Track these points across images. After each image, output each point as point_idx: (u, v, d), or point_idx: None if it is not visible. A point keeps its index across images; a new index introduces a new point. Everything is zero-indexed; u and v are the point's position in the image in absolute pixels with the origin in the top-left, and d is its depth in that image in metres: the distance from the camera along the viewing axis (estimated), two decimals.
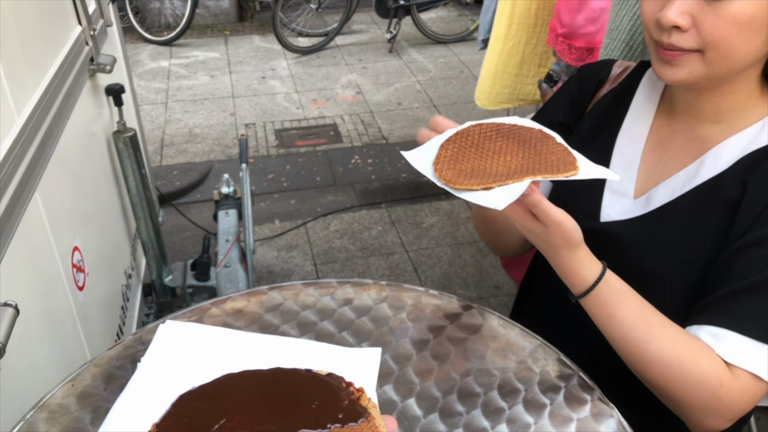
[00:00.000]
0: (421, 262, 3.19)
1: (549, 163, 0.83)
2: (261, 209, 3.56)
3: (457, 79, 5.15)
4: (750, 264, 0.86)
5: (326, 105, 4.73)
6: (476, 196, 0.79)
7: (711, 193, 0.93)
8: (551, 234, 0.83)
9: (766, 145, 0.91)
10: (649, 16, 0.89)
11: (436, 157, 0.86)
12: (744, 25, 0.82)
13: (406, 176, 3.88)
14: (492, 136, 0.89)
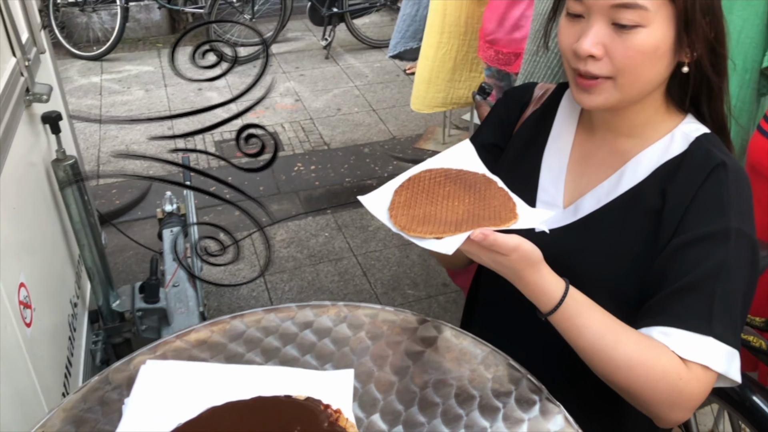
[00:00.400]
0: (370, 265, 3.22)
1: (492, 209, 0.91)
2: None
3: (394, 83, 5.21)
4: (681, 266, 0.93)
5: (265, 114, 4.71)
6: (428, 243, 0.87)
7: (633, 201, 1.02)
8: (513, 260, 0.88)
9: (676, 155, 1.01)
10: (566, 47, 0.98)
11: (391, 203, 0.94)
12: (649, 53, 0.92)
13: (350, 181, 3.91)
14: (441, 182, 0.97)
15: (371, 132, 4.48)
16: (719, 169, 0.96)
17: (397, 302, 2.99)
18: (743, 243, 0.93)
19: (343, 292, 3.05)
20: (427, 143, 4.29)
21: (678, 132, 1.02)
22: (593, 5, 0.92)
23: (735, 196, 0.95)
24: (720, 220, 0.93)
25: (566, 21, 0.98)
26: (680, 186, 0.97)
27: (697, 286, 0.91)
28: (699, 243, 0.93)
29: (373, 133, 4.46)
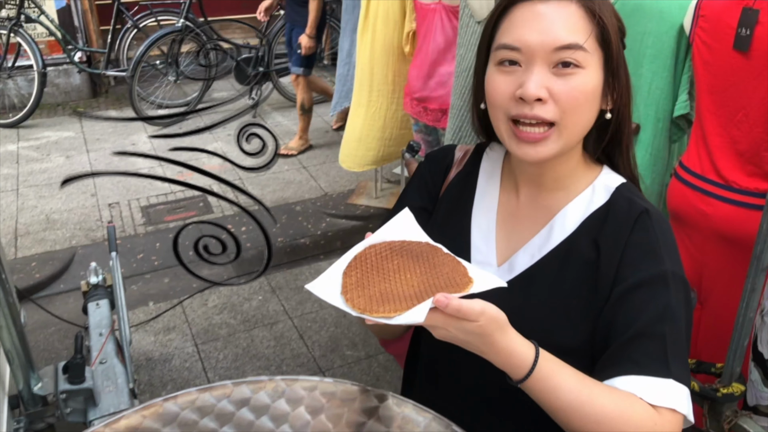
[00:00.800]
0: (307, 327, 3.16)
1: (445, 276, 0.89)
2: (133, 292, 3.40)
3: (324, 139, 5.23)
4: (628, 313, 0.95)
5: (193, 176, 4.60)
6: (395, 319, 0.84)
7: (567, 253, 1.03)
8: (481, 325, 0.84)
9: (600, 206, 1.04)
10: (505, 96, 0.97)
11: (343, 286, 0.90)
12: (589, 94, 0.96)
13: (282, 240, 3.86)
14: (387, 256, 0.94)
15: (302, 189, 4.46)
16: (644, 217, 1.00)
17: (336, 364, 2.93)
18: (679, 284, 0.96)
19: (279, 357, 2.97)
20: (360, 198, 4.30)
21: (598, 183, 1.06)
22: (535, 50, 0.94)
23: (663, 241, 0.99)
24: (655, 265, 0.96)
25: (499, 71, 0.99)
26: (610, 236, 1.00)
27: (649, 332, 0.92)
28: (640, 289, 0.95)
29: (304, 191, 4.44)
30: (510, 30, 0.97)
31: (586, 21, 0.95)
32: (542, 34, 0.93)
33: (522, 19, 0.96)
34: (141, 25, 5.58)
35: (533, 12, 0.95)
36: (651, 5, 1.92)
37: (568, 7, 0.94)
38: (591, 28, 0.95)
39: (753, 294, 1.57)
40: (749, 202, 1.76)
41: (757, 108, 1.71)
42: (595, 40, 0.95)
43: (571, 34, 0.93)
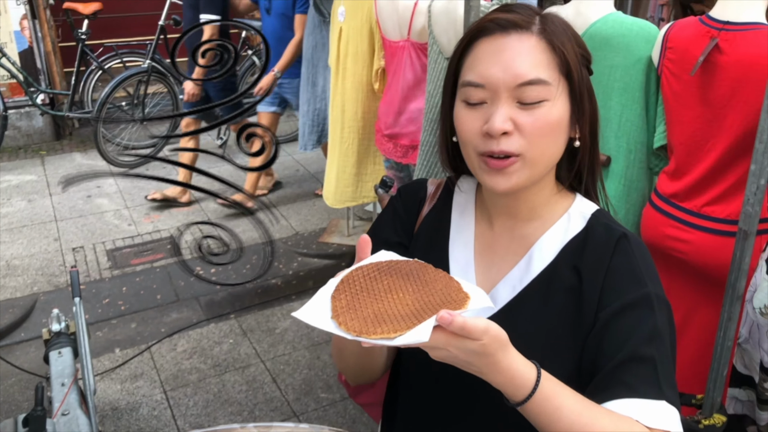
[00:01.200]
0: (280, 370, 3.08)
1: (440, 293, 0.85)
2: (98, 339, 3.29)
3: (294, 178, 5.20)
4: (615, 337, 0.93)
5: (160, 218, 4.55)
6: (397, 340, 0.78)
7: (548, 282, 1.02)
8: (485, 344, 0.80)
9: (577, 233, 1.03)
10: (474, 132, 0.97)
11: (333, 310, 0.85)
12: (554, 125, 0.96)
13: (253, 281, 3.79)
14: (376, 277, 0.90)
15: (273, 229, 4.40)
16: (623, 241, 1.00)
17: (310, 408, 2.85)
18: (662, 306, 0.96)
19: (252, 402, 2.88)
20: (332, 237, 4.25)
21: (573, 211, 1.06)
22: (498, 88, 0.94)
23: (643, 264, 0.98)
24: (638, 288, 0.96)
25: (466, 110, 0.99)
26: (591, 262, 0.99)
27: (639, 355, 0.91)
28: (625, 313, 0.94)
29: (274, 230, 4.38)
30: (474, 66, 0.97)
31: (548, 53, 0.95)
32: (505, 71, 0.94)
33: (484, 54, 0.96)
34: (106, 66, 5.53)
35: (495, 47, 0.96)
36: (618, 39, 1.94)
37: (529, 40, 0.95)
38: (553, 60, 0.95)
39: (730, 323, 1.56)
40: (721, 229, 1.76)
41: (725, 137, 1.73)
42: (557, 71, 0.96)
43: (533, 68, 0.93)
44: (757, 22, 1.67)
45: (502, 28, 0.96)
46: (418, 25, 2.75)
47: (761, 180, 1.41)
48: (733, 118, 1.70)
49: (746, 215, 1.45)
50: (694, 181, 1.80)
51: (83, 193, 4.88)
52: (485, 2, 2.35)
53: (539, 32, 0.96)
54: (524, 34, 0.95)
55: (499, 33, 0.96)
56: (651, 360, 0.91)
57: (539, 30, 0.96)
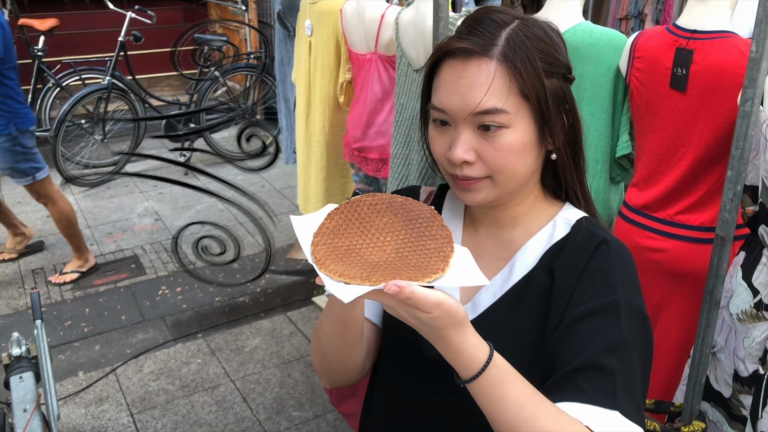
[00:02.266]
0: (250, 390, 3.01)
1: (423, 253, 0.84)
2: (61, 362, 3.19)
3: (260, 194, 5.14)
4: (575, 341, 0.91)
5: (123, 237, 4.45)
6: (331, 284, 0.79)
7: (526, 288, 1.01)
8: (435, 317, 0.81)
9: (559, 239, 1.02)
10: (440, 155, 1.00)
11: (319, 227, 0.87)
12: (518, 151, 0.95)
13: (220, 299, 3.72)
14: (381, 210, 0.90)
15: (240, 246, 4.34)
16: (602, 246, 0.98)
17: (282, 427, 2.79)
18: (633, 315, 0.93)
19: (222, 423, 2.81)
20: (300, 253, 4.20)
21: (559, 218, 1.05)
22: (457, 115, 0.95)
23: (620, 270, 0.97)
24: (608, 294, 0.94)
25: (435, 129, 1.00)
26: (566, 264, 0.98)
27: (598, 364, 0.89)
28: (590, 317, 0.93)
29: (242, 247, 4.31)
30: (438, 90, 0.98)
31: (506, 79, 0.93)
32: (462, 99, 0.94)
33: (446, 79, 0.96)
34: (64, 83, 5.40)
35: (455, 73, 0.95)
36: (587, 48, 1.96)
37: (488, 66, 0.93)
38: (514, 85, 0.93)
39: (708, 330, 1.57)
40: (696, 237, 1.77)
41: (696, 145, 1.75)
42: (518, 95, 0.94)
43: (490, 97, 0.92)
44: (725, 30, 1.69)
45: (464, 53, 0.94)
46: (386, 38, 2.74)
47: (738, 186, 1.42)
48: (704, 126, 1.72)
49: (723, 221, 1.46)
50: (666, 191, 1.81)
51: (42, 213, 4.74)
52: (454, 13, 2.35)
53: (500, 56, 0.93)
54: (483, 61, 0.93)
55: (461, 58, 0.95)
56: (610, 370, 0.88)
57: (500, 54, 0.93)
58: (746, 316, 1.54)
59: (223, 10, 7.01)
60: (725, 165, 1.72)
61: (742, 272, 1.54)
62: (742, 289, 1.53)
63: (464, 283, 0.83)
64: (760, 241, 1.53)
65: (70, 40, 6.91)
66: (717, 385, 1.68)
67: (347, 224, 0.87)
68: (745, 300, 1.53)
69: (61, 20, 5.73)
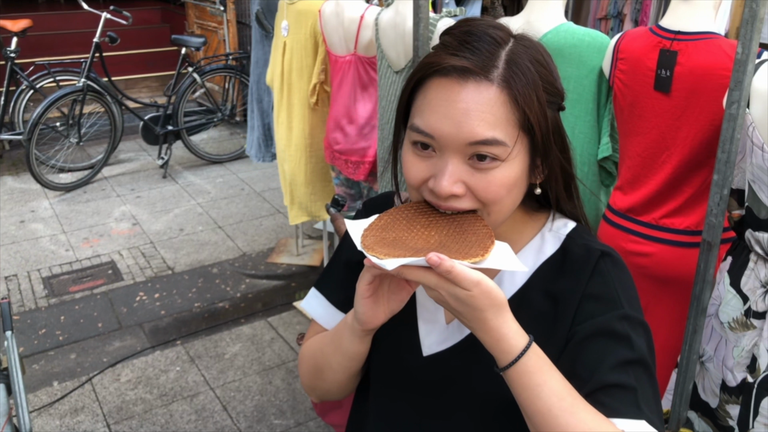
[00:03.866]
0: (230, 398, 2.96)
1: (465, 242, 0.85)
2: (34, 372, 3.11)
3: (239, 197, 5.07)
4: (587, 363, 0.88)
5: (100, 242, 4.36)
6: (376, 260, 0.81)
7: (517, 308, 0.94)
8: (474, 296, 0.79)
9: (552, 254, 0.98)
10: (418, 182, 0.90)
11: (370, 225, 0.90)
12: (510, 185, 0.88)
13: (199, 306, 3.66)
14: (426, 212, 0.91)
15: (219, 250, 4.27)
16: (601, 263, 0.94)
17: None
18: (639, 330, 0.91)
19: None
20: (280, 256, 4.15)
21: (546, 231, 1.00)
22: (447, 143, 0.85)
23: (620, 285, 0.94)
24: (614, 311, 0.91)
25: (413, 152, 0.90)
26: (567, 285, 0.94)
27: (616, 381, 0.86)
28: (599, 336, 0.90)
29: (221, 252, 4.25)
30: (424, 111, 0.88)
31: (507, 108, 0.84)
32: (457, 126, 0.84)
33: (437, 101, 0.86)
34: (38, 85, 5.29)
35: (448, 95, 0.85)
36: (570, 50, 1.93)
37: (488, 91, 0.84)
38: (513, 115, 0.85)
39: (695, 336, 1.54)
40: (681, 241, 1.75)
41: (680, 148, 1.73)
42: (516, 127, 0.85)
43: (488, 127, 0.83)
44: (709, 31, 1.67)
45: (460, 72, 0.84)
46: (365, 39, 2.70)
47: (724, 190, 1.40)
48: (688, 128, 1.69)
49: (709, 226, 1.43)
50: (651, 194, 1.78)
51: (15, 219, 4.65)
52: (434, 14, 2.31)
53: (501, 81, 0.84)
54: (483, 84, 0.84)
55: (456, 78, 0.84)
56: (630, 386, 0.86)
57: (501, 78, 0.84)
58: (737, 324, 1.51)
59: (201, 11, 6.92)
60: (710, 168, 1.70)
61: (730, 278, 1.52)
62: (731, 296, 1.51)
63: (503, 266, 0.83)
64: (746, 246, 1.51)
65: (43, 42, 6.79)
66: (704, 395, 1.65)
67: (395, 222, 0.90)
68: (735, 307, 1.50)
69: (35, 21, 5.62)
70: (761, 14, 1.31)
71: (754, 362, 1.48)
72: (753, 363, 1.48)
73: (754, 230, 1.46)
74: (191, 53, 6.02)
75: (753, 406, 1.46)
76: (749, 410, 1.46)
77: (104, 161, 5.37)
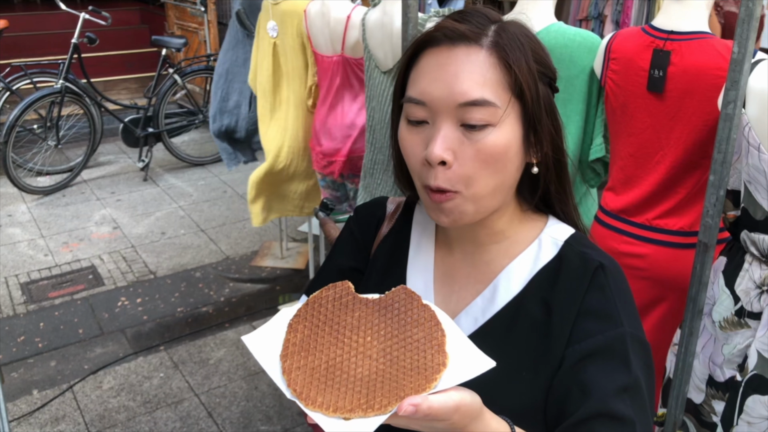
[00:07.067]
0: (216, 404, 2.91)
1: (415, 348, 0.73)
2: (13, 381, 3.04)
3: (222, 200, 5.01)
4: (586, 384, 0.85)
5: (80, 246, 4.28)
6: (328, 424, 0.67)
7: (513, 316, 0.93)
8: (455, 421, 0.73)
9: (549, 261, 0.94)
10: (417, 160, 0.89)
11: (284, 345, 0.72)
12: (499, 153, 0.86)
13: (182, 310, 3.60)
14: (348, 304, 0.78)
15: (202, 254, 4.21)
16: (599, 274, 0.91)
17: None
18: (637, 347, 0.88)
19: None
20: (264, 260, 4.10)
21: (544, 237, 0.97)
22: (439, 107, 0.85)
23: (619, 299, 0.90)
24: (612, 328, 0.88)
25: (408, 130, 0.89)
26: (563, 295, 0.91)
27: (612, 409, 0.83)
28: (596, 357, 0.86)
29: (203, 255, 4.19)
30: (416, 80, 0.88)
31: (497, 70, 0.85)
32: (446, 88, 0.84)
33: (428, 68, 0.87)
34: (14, 87, 5.18)
35: (439, 60, 0.86)
36: (561, 50, 1.91)
37: (477, 54, 0.85)
38: (503, 78, 0.86)
39: (691, 338, 1.53)
40: (675, 242, 1.74)
41: (674, 148, 1.71)
42: (508, 91, 0.85)
43: (477, 87, 0.84)
44: (702, 31, 1.66)
45: (450, 39, 0.86)
46: (352, 39, 2.67)
47: (720, 191, 1.38)
48: (681, 129, 1.68)
49: (706, 227, 1.42)
50: (644, 195, 1.77)
51: None
52: (422, 14, 2.29)
53: (490, 45, 0.85)
54: (472, 48, 0.85)
55: (446, 44, 0.86)
56: (629, 420, 0.83)
57: (491, 43, 0.86)
58: (728, 323, 1.51)
59: (181, 12, 6.84)
60: (704, 168, 1.69)
61: (725, 279, 1.51)
62: (725, 296, 1.50)
63: (472, 374, 0.73)
64: (741, 247, 1.50)
65: (20, 42, 6.68)
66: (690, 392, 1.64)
67: (316, 333, 0.74)
68: (727, 307, 1.50)
69: (11, 21, 5.53)
70: (757, 13, 1.30)
71: (744, 361, 1.47)
72: (744, 362, 1.47)
73: (750, 231, 1.45)
74: (172, 54, 5.94)
75: (738, 404, 1.45)
76: (734, 408, 1.46)
77: (83, 164, 5.28)
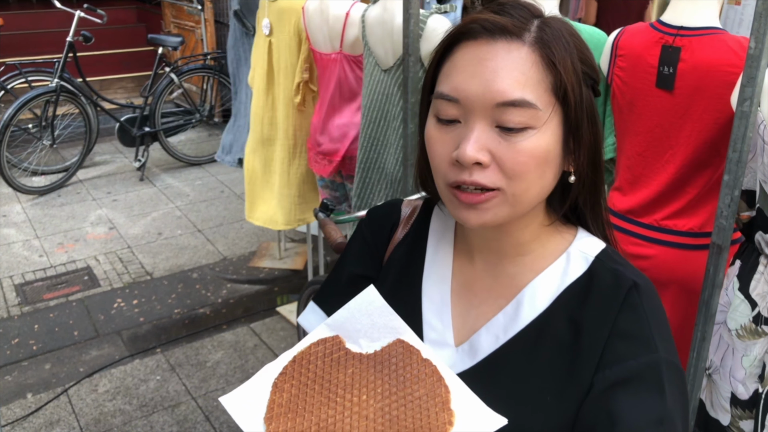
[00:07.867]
0: (213, 407, 2.86)
1: (417, 407, 0.66)
2: (7, 384, 2.99)
3: (219, 200, 4.96)
4: (617, 414, 0.79)
5: (75, 247, 4.23)
6: None
7: (538, 335, 0.87)
8: None
9: (578, 277, 0.88)
10: (443, 159, 0.82)
11: (268, 407, 0.65)
12: (541, 158, 0.79)
13: (179, 312, 3.55)
14: (340, 360, 0.70)
15: (199, 255, 4.16)
16: (632, 294, 0.84)
17: None
18: (673, 375, 0.82)
19: None
20: (262, 260, 4.05)
21: (573, 251, 0.90)
22: (473, 105, 0.78)
23: (654, 321, 0.84)
24: (646, 353, 0.81)
25: (437, 128, 0.83)
26: (594, 315, 0.84)
27: None
28: (630, 384, 0.80)
29: (200, 256, 4.14)
30: (450, 75, 0.82)
31: (540, 69, 0.79)
32: (484, 85, 0.78)
33: (464, 62, 0.80)
34: (8, 86, 5.12)
35: (477, 55, 0.79)
36: None
37: (519, 50, 0.78)
38: (546, 78, 0.79)
39: (703, 343, 1.48)
40: (685, 243, 1.70)
41: (684, 147, 1.67)
42: (550, 92, 0.79)
43: (518, 86, 0.77)
44: (713, 26, 1.62)
45: (489, 32, 0.79)
46: (351, 37, 2.62)
47: (735, 191, 1.34)
48: (692, 127, 1.64)
49: (719, 228, 1.37)
50: (653, 195, 1.72)
51: None
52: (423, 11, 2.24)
53: (533, 42, 0.79)
54: (514, 43, 0.79)
55: (485, 38, 0.79)
56: None
57: (534, 39, 0.79)
58: (746, 331, 1.45)
59: (178, 10, 6.79)
60: (715, 167, 1.65)
61: (739, 283, 1.46)
62: (739, 301, 1.45)
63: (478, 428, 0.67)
64: (756, 249, 1.45)
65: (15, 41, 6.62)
66: (713, 411, 1.57)
67: (304, 393, 0.67)
68: (743, 313, 1.44)
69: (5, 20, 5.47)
70: None
71: (764, 370, 1.42)
72: (764, 371, 1.42)
73: (765, 232, 1.41)
74: (168, 53, 5.88)
75: (761, 419, 1.39)
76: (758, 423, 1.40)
77: (79, 164, 5.22)
